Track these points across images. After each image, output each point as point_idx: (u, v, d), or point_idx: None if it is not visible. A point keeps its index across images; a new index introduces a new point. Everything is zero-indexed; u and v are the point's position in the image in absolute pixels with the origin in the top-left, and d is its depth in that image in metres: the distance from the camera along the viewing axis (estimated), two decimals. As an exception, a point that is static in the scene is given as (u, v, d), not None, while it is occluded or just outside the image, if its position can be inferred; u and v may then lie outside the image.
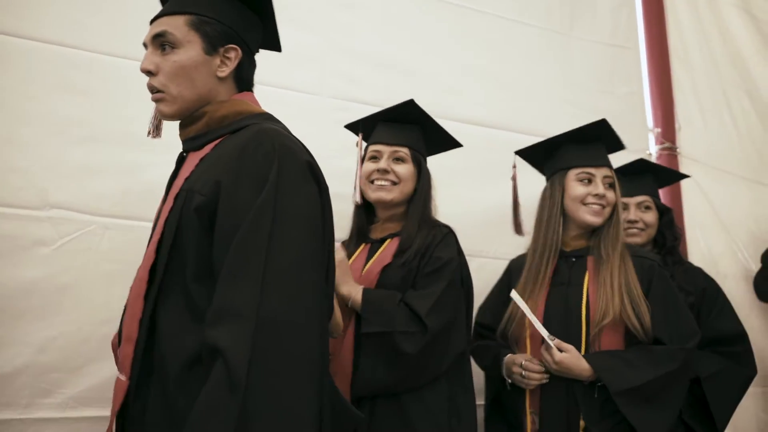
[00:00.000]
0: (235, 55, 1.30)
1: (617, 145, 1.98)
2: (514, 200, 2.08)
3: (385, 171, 1.84)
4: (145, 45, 1.30)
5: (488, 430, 1.96)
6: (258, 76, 2.19)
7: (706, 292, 2.10)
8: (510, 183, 2.10)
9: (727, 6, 3.43)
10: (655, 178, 2.30)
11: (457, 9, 2.62)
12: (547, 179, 2.00)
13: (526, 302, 1.79)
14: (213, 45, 1.27)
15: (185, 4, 1.27)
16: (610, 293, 1.73)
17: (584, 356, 1.71)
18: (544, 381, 1.75)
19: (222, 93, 1.31)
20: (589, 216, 1.87)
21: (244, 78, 1.35)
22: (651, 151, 2.93)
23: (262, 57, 2.23)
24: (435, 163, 2.42)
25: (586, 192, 1.87)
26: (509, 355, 1.86)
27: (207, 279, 1.13)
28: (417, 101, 1.92)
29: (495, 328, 1.98)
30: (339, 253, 1.71)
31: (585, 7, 2.91)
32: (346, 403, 1.31)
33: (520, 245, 2.10)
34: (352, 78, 2.39)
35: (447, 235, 1.80)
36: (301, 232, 1.13)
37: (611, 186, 1.89)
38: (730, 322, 2.06)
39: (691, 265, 2.23)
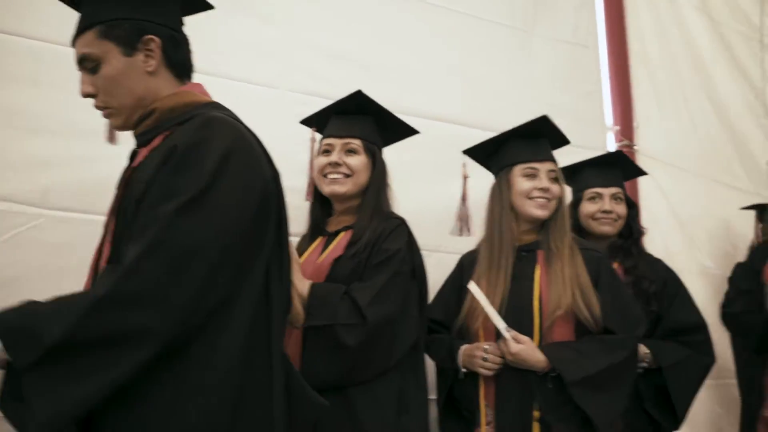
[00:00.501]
0: (154, 44, 1.26)
1: (561, 141, 2.00)
2: (462, 199, 2.08)
3: (337, 164, 1.83)
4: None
5: (442, 424, 1.96)
6: (219, 69, 2.20)
7: (667, 283, 2.17)
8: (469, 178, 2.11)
9: (687, 8, 3.51)
10: (622, 170, 2.33)
11: (419, 4, 2.63)
12: (495, 176, 2.02)
13: (476, 319, 1.83)
14: (129, 45, 1.24)
15: (88, 18, 1.25)
16: (561, 286, 1.76)
17: (539, 347, 1.74)
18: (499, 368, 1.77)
19: (162, 86, 1.28)
20: (535, 210, 1.89)
21: (177, 62, 1.31)
22: (610, 148, 2.97)
23: (223, 49, 2.24)
24: (394, 158, 2.42)
25: (532, 186, 1.89)
26: (465, 345, 1.86)
27: None
28: (378, 96, 1.91)
29: (446, 324, 1.99)
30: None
31: (547, 6, 2.94)
32: (310, 390, 1.30)
33: (478, 240, 2.11)
34: (313, 72, 2.37)
35: (398, 226, 1.80)
36: (224, 220, 1.11)
37: (556, 180, 1.92)
38: (690, 313, 2.13)
39: (652, 257, 2.28)
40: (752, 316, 2.22)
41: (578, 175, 2.28)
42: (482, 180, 2.09)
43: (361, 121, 1.89)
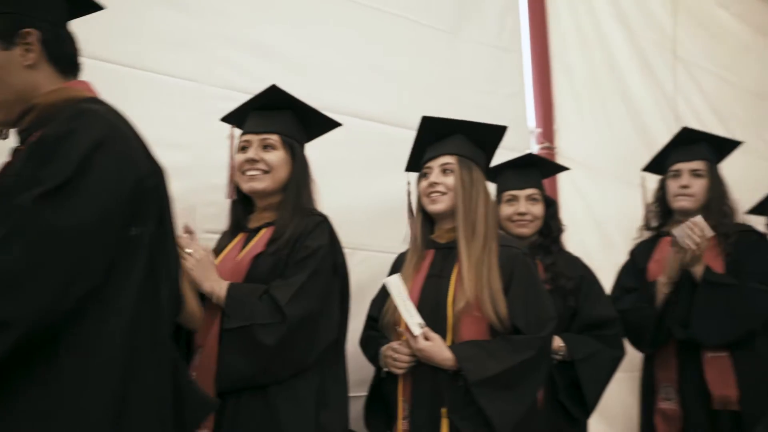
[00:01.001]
0: (33, 38, 1.23)
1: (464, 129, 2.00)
2: (408, 212, 2.09)
3: (254, 160, 1.81)
4: None
5: (367, 419, 1.97)
6: (140, 61, 2.14)
7: (583, 279, 2.25)
8: (393, 176, 2.13)
9: (605, 17, 3.65)
10: (540, 171, 2.41)
11: (348, 3, 2.63)
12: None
13: (394, 318, 1.84)
14: (6, 38, 1.21)
15: None
16: (467, 284, 1.77)
17: (449, 346, 1.76)
18: (413, 364, 1.78)
19: (42, 81, 1.25)
20: (429, 205, 1.93)
21: (60, 57, 1.28)
22: (532, 150, 3.07)
23: (144, 41, 2.17)
24: (320, 156, 2.41)
25: (426, 184, 1.93)
26: (385, 345, 1.88)
27: None
28: (300, 92, 1.90)
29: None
30: (199, 251, 1.68)
31: (473, 9, 3.00)
32: (198, 388, 1.32)
33: (404, 239, 2.13)
34: (238, 67, 2.33)
35: (320, 223, 1.78)
36: (90, 210, 1.08)
37: (446, 172, 1.91)
38: (603, 309, 2.23)
39: (571, 254, 2.37)
40: (642, 312, 2.32)
41: (498, 177, 2.35)
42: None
43: (278, 116, 1.87)
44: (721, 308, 2.21)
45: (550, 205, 2.35)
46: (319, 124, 1.98)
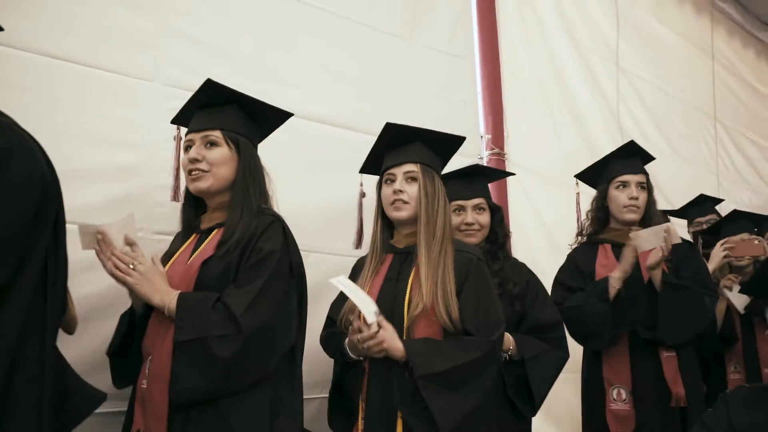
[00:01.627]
0: None
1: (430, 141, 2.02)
2: (359, 220, 2.11)
3: (196, 159, 1.74)
4: None
5: (330, 418, 1.97)
6: (91, 59, 2.09)
7: (529, 284, 2.29)
8: (346, 179, 2.14)
9: (552, 28, 3.78)
10: (486, 178, 2.46)
11: (303, 6, 2.63)
12: None
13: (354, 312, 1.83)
14: None
15: None
16: (424, 288, 1.79)
17: (402, 340, 1.77)
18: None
19: None
20: (393, 213, 1.94)
21: None
22: (482, 155, 3.13)
23: (96, 39, 2.12)
24: (274, 157, 2.39)
25: (390, 191, 1.94)
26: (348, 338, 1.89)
27: None
28: (257, 95, 1.87)
29: None
30: (144, 263, 1.62)
31: (426, 16, 3.05)
32: (84, 383, 1.37)
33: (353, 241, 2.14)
34: (189, 67, 2.30)
35: (271, 224, 1.71)
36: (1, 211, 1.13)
37: (413, 179, 1.93)
38: (549, 313, 2.27)
39: (517, 261, 2.42)
40: (595, 307, 2.39)
41: (446, 186, 2.38)
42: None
43: (220, 112, 1.79)
44: (681, 309, 2.31)
45: (496, 212, 2.39)
46: (269, 116, 1.90)
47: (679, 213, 3.32)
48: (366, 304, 1.77)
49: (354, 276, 2.06)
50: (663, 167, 3.64)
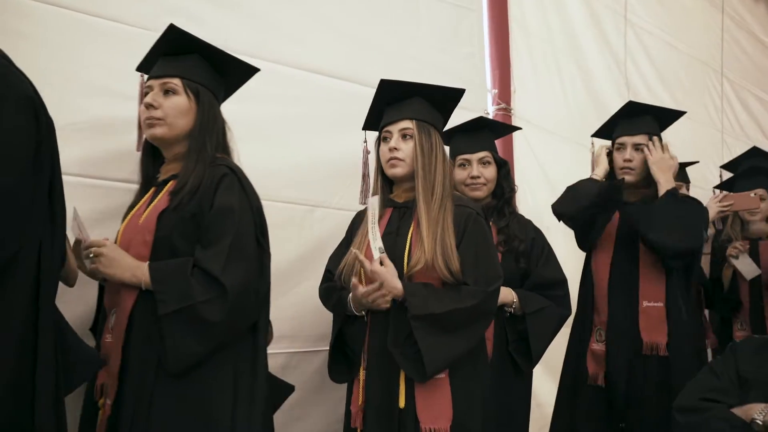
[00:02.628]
0: None
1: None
2: (364, 175, 2.09)
3: (151, 106, 1.68)
4: None
5: (330, 368, 1.99)
6: (88, 6, 2.03)
7: (534, 241, 2.31)
8: (352, 134, 2.12)
9: (562, -22, 3.68)
10: (492, 132, 2.43)
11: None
12: None
13: (360, 249, 1.85)
14: None
15: None
16: (424, 242, 1.79)
17: (401, 281, 1.79)
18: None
19: None
20: (389, 170, 1.94)
21: None
22: (489, 110, 3.10)
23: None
24: (279, 112, 2.39)
25: (386, 149, 1.94)
26: (351, 294, 1.89)
27: None
28: (262, 48, 1.82)
29: None
30: (101, 248, 1.58)
31: (433, -34, 2.96)
32: (85, 345, 1.37)
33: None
34: (192, 16, 2.23)
35: (225, 176, 1.65)
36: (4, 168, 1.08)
37: (409, 137, 1.92)
38: (553, 271, 2.30)
39: (523, 217, 2.42)
40: (588, 182, 2.50)
41: (450, 141, 2.37)
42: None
43: (182, 60, 1.73)
44: (680, 219, 2.34)
45: (502, 167, 2.38)
46: (235, 69, 1.83)
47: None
48: (375, 239, 1.80)
49: (353, 229, 2.07)
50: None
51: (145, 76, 1.80)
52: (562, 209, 2.54)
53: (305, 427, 2.38)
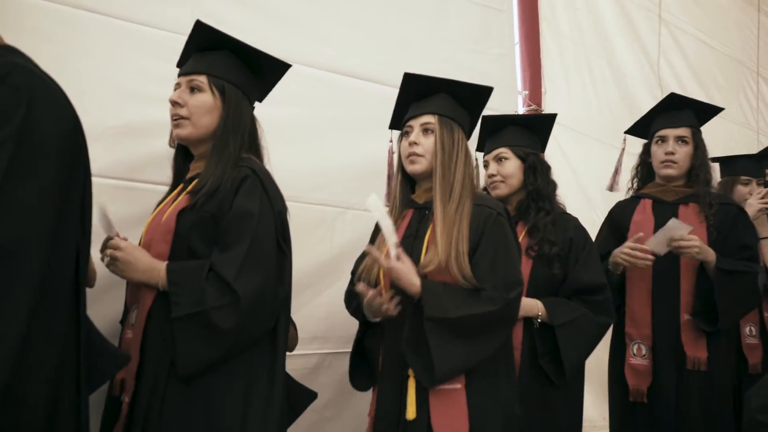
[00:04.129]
0: None
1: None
2: (389, 176, 2.05)
3: (176, 103, 1.65)
4: None
5: (351, 375, 1.97)
6: (125, 12, 2.07)
7: (572, 242, 2.13)
8: (382, 135, 2.12)
9: (593, -22, 3.64)
10: (535, 133, 2.29)
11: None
12: None
13: (380, 251, 1.77)
14: None
15: None
16: (438, 243, 1.72)
17: (420, 277, 1.70)
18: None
19: None
20: (408, 166, 1.86)
21: None
22: (519, 112, 3.07)
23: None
24: (310, 115, 2.40)
25: (406, 144, 1.87)
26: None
27: None
28: (293, 50, 1.82)
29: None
30: (119, 250, 1.57)
31: (463, -33, 2.95)
32: (108, 343, 1.34)
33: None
34: (223, 20, 2.25)
35: (246, 178, 1.59)
36: (47, 171, 1.09)
37: (430, 131, 1.83)
38: (592, 275, 2.11)
39: (567, 215, 2.25)
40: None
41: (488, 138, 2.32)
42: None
43: (210, 56, 1.69)
44: (735, 295, 2.27)
45: (524, 160, 2.20)
46: (266, 66, 1.79)
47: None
48: (390, 235, 1.69)
49: (375, 233, 2.02)
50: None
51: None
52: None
53: (336, 427, 2.39)
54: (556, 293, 2.11)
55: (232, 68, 1.71)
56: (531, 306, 2.03)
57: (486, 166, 2.25)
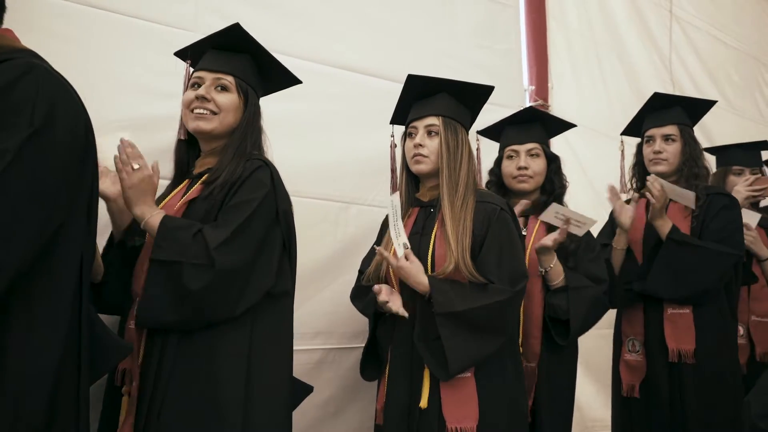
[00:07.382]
0: None
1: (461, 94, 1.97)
2: (392, 170, 2.06)
3: (204, 99, 1.71)
4: None
5: (362, 367, 2.00)
6: (129, 8, 2.09)
7: (583, 240, 2.22)
8: (386, 130, 2.11)
9: (603, -28, 3.60)
10: (544, 127, 2.36)
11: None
12: None
13: (388, 249, 1.82)
14: None
15: None
16: (451, 244, 1.77)
17: (427, 275, 1.76)
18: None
19: None
20: (413, 166, 1.92)
21: None
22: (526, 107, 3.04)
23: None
24: (313, 109, 2.40)
25: (411, 145, 1.92)
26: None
27: None
28: (298, 45, 1.84)
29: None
30: (143, 171, 1.57)
31: (470, -38, 2.94)
32: (112, 334, 1.39)
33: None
34: (228, 16, 2.27)
35: (259, 167, 1.66)
36: (49, 172, 1.14)
37: (434, 134, 1.90)
38: (596, 268, 2.21)
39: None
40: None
41: (501, 134, 2.33)
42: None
43: (236, 58, 1.77)
44: (681, 265, 2.28)
45: (553, 161, 2.30)
46: (278, 76, 1.88)
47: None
48: (399, 235, 1.77)
49: (382, 230, 2.06)
50: (716, 119, 3.49)
51: (190, 68, 1.82)
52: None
53: (340, 422, 2.39)
54: None
55: (252, 72, 1.80)
56: (558, 271, 2.12)
57: (511, 156, 2.28)
